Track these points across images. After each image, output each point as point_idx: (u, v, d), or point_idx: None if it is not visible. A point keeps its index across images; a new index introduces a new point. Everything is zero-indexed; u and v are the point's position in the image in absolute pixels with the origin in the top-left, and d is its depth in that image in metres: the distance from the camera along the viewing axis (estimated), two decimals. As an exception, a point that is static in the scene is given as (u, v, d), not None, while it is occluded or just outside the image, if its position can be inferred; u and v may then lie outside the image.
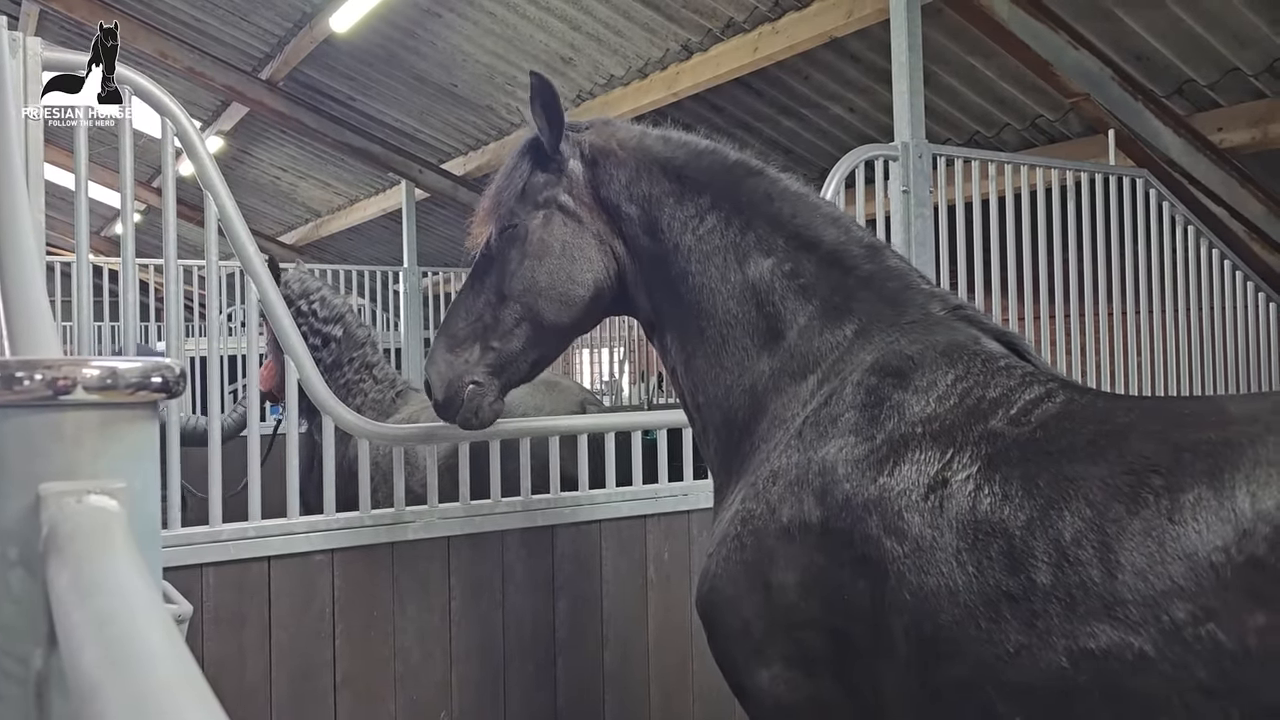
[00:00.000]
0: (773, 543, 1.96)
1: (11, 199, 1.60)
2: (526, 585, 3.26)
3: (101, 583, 0.65)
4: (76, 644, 0.59)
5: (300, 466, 3.16)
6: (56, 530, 0.74)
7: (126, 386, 0.84)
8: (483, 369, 2.46)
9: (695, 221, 2.28)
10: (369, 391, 5.50)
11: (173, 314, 2.92)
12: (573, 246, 2.39)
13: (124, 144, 2.84)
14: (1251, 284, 5.42)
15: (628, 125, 2.47)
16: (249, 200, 15.08)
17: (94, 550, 0.70)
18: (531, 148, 2.46)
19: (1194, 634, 1.45)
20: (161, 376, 0.87)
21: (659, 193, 2.33)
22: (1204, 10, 5.31)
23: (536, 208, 2.42)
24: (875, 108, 7.28)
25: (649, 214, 2.33)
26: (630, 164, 2.36)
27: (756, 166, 2.33)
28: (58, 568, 0.71)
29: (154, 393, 0.86)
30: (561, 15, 7.69)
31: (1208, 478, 1.52)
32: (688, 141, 2.39)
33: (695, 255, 2.27)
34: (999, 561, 1.65)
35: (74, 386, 0.82)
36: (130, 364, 0.86)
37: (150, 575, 0.70)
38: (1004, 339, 2.11)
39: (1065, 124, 6.75)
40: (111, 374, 0.84)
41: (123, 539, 0.73)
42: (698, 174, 2.32)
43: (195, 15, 9.63)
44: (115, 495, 0.79)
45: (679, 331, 2.34)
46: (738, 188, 2.29)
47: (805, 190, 2.31)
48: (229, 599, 2.84)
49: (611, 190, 2.37)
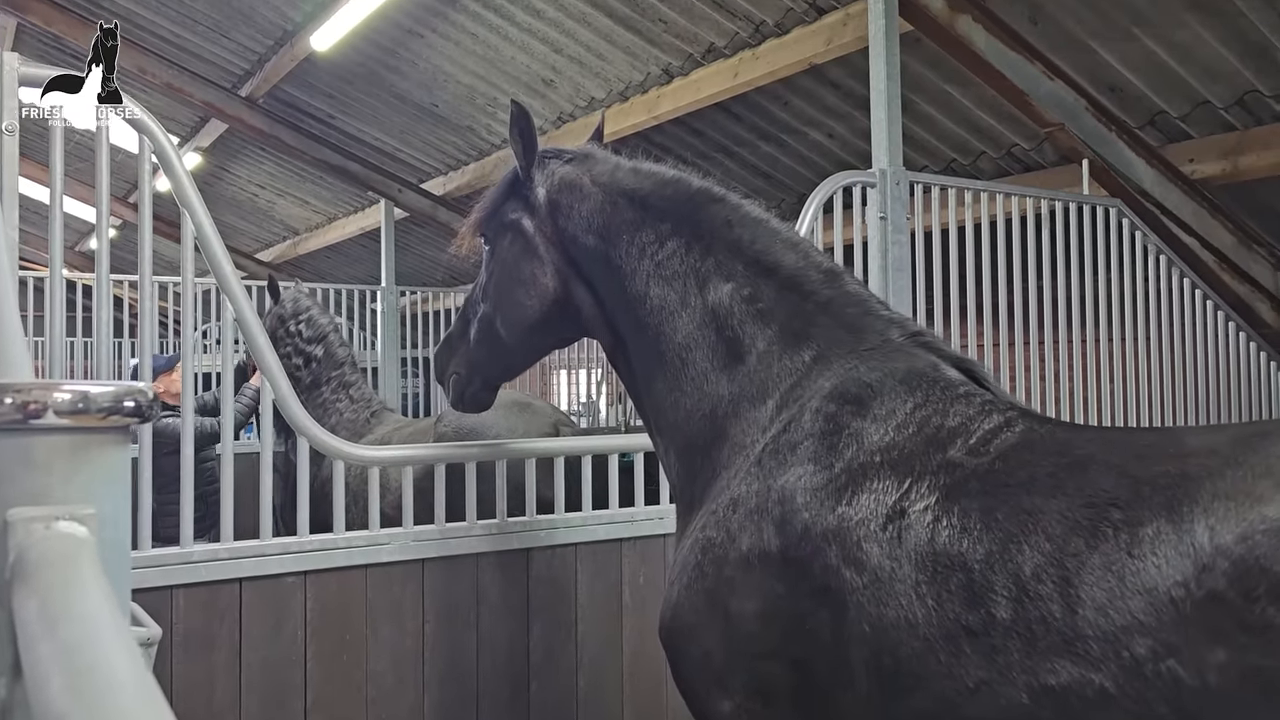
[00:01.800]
0: (732, 571, 1.95)
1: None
2: (501, 609, 3.23)
3: (69, 612, 0.64)
4: (43, 674, 0.58)
5: (276, 486, 3.13)
6: (24, 557, 0.73)
7: (98, 411, 0.84)
8: (463, 363, 2.76)
9: (655, 247, 2.30)
10: (344, 411, 5.48)
11: (147, 331, 2.89)
12: (525, 271, 2.50)
13: (100, 159, 2.82)
14: (1222, 313, 5.49)
15: (606, 157, 2.50)
16: (226, 217, 15.00)
17: (62, 579, 0.69)
18: (515, 173, 2.56)
19: (1154, 670, 1.44)
20: (134, 401, 0.86)
21: (619, 222, 2.36)
22: (1176, 44, 5.41)
23: (504, 230, 2.55)
24: (854, 134, 7.35)
25: (608, 242, 2.37)
26: (596, 196, 2.40)
27: (718, 193, 2.35)
28: (25, 596, 0.70)
29: (126, 417, 0.86)
30: (543, 38, 7.73)
31: (1167, 511, 1.51)
32: (655, 172, 2.42)
33: (654, 280, 2.29)
34: (958, 595, 1.64)
35: (45, 410, 0.82)
36: (102, 388, 0.86)
37: (118, 604, 0.70)
38: (962, 366, 2.11)
39: (1040, 153, 6.83)
40: (83, 398, 0.83)
41: (91, 567, 0.72)
42: (660, 202, 2.34)
43: (175, 31, 9.60)
44: (85, 521, 0.78)
45: (640, 356, 2.36)
46: (698, 214, 2.31)
47: (765, 216, 2.33)
48: (199, 621, 2.80)
49: (572, 221, 2.43)
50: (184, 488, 2.87)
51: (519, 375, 2.98)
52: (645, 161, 2.47)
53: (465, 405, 2.84)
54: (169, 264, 10.19)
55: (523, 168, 2.49)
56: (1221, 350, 5.46)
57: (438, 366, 2.86)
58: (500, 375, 2.79)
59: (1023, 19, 5.44)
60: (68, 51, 9.73)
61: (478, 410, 2.88)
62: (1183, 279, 5.33)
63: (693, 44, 7.10)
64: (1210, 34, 5.24)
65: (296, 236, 15.51)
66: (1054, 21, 5.50)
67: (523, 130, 2.48)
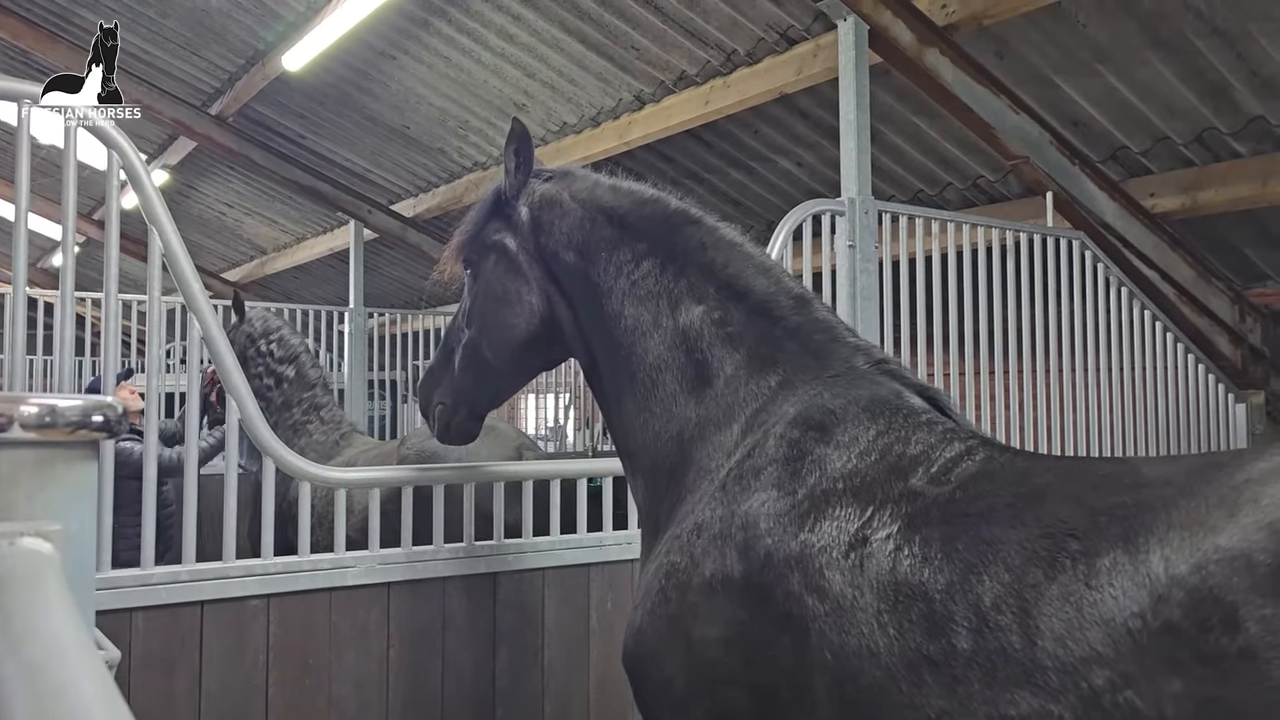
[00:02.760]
0: (695, 597, 1.94)
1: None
2: (467, 633, 3.20)
3: (34, 631, 0.63)
4: (7, 695, 0.57)
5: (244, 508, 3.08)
6: (-13, 574, 0.72)
7: (66, 425, 0.83)
8: (449, 393, 2.67)
9: (630, 266, 2.31)
10: (315, 433, 5.43)
11: (110, 349, 2.85)
12: (510, 291, 2.48)
13: (68, 175, 2.79)
14: (1181, 345, 5.58)
15: (585, 175, 2.51)
16: (193, 235, 14.86)
17: (27, 597, 0.67)
18: (496, 193, 2.55)
19: (1112, 701, 1.44)
20: (103, 415, 0.85)
21: (597, 239, 2.37)
22: (1138, 81, 5.53)
23: (487, 251, 2.52)
24: (823, 163, 7.43)
25: (586, 259, 2.37)
26: (576, 213, 2.41)
27: (695, 215, 2.36)
28: (-13, 614, 0.68)
29: (94, 431, 0.84)
30: (516, 62, 7.76)
31: (1123, 542, 1.51)
32: (634, 191, 2.43)
33: (629, 299, 2.30)
34: (919, 625, 1.64)
35: (10, 424, 0.80)
36: (70, 402, 0.84)
37: (84, 623, 0.68)
38: (926, 394, 2.12)
39: (1005, 185, 6.94)
40: (50, 412, 0.82)
41: (56, 585, 0.71)
42: (638, 221, 2.35)
43: (144, 48, 9.54)
44: (50, 538, 0.77)
45: (612, 375, 2.36)
46: (674, 235, 2.32)
47: (740, 240, 2.34)
48: (158, 645, 2.75)
49: (552, 238, 2.42)
50: (145, 508, 2.83)
51: (505, 402, 2.89)
52: (625, 180, 2.48)
53: (451, 436, 2.73)
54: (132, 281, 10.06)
55: (512, 185, 2.48)
56: (1180, 382, 5.54)
57: (422, 398, 2.76)
58: (488, 402, 2.71)
59: (989, 53, 5.54)
60: (35, 66, 9.64)
61: (464, 442, 2.77)
62: (1143, 311, 5.42)
63: (665, 71, 7.16)
64: (1170, 72, 5.37)
65: (264, 256, 15.39)
66: (1019, 56, 5.61)
67: (520, 148, 2.47)
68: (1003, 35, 5.49)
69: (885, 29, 4.83)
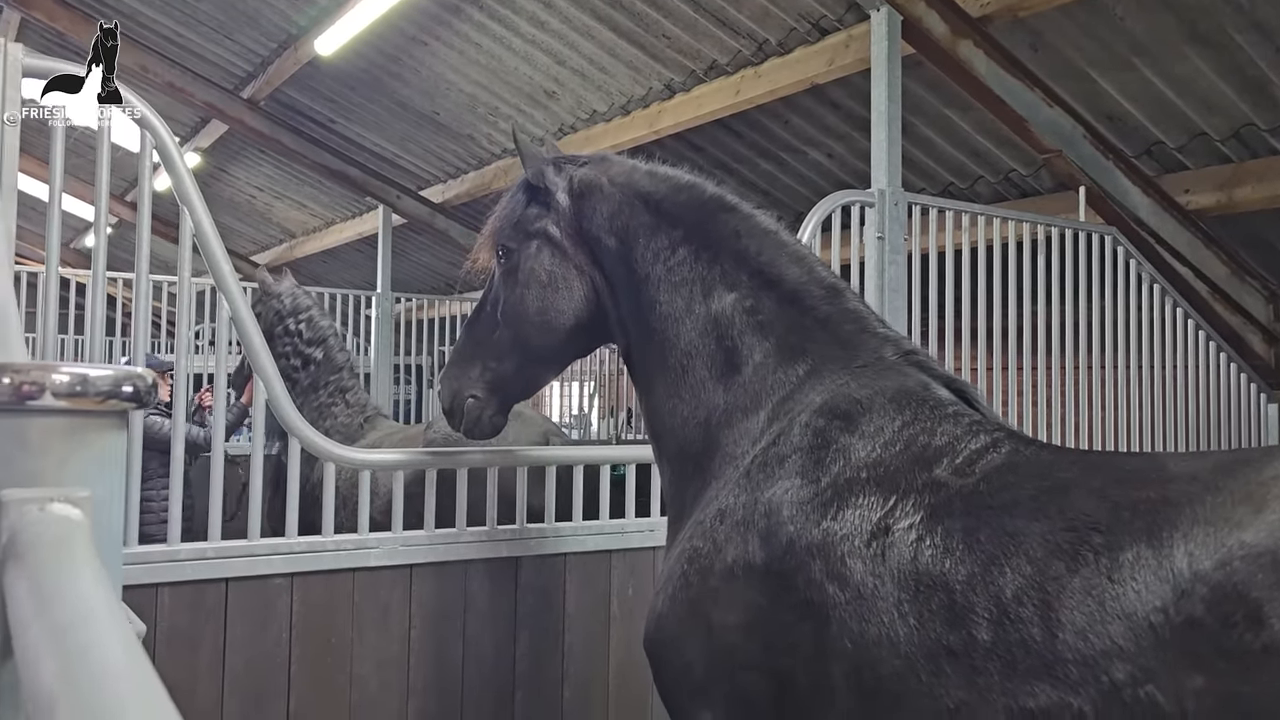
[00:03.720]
0: (717, 582, 1.95)
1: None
2: (488, 616, 3.22)
3: (61, 594, 0.63)
4: (34, 656, 0.57)
5: (266, 488, 3.11)
6: (17, 538, 0.73)
7: (96, 394, 0.83)
8: (481, 385, 2.60)
9: (667, 253, 2.32)
10: (339, 415, 5.47)
11: (140, 329, 2.88)
12: (557, 276, 2.46)
13: (101, 156, 2.81)
14: (1213, 343, 5.51)
15: (622, 161, 2.51)
16: (223, 218, 14.97)
17: (55, 560, 0.68)
18: (529, 180, 2.54)
19: (1133, 695, 1.44)
20: (133, 386, 0.85)
21: (636, 224, 2.37)
22: (1175, 76, 5.45)
23: (528, 238, 2.50)
24: (853, 154, 7.38)
25: (625, 244, 2.37)
26: (615, 197, 2.41)
27: (731, 202, 2.36)
28: (15, 576, 0.69)
29: (124, 401, 0.85)
30: (547, 49, 7.75)
31: (1147, 536, 1.52)
32: (671, 176, 2.43)
33: (664, 285, 2.30)
34: (940, 615, 1.64)
35: (42, 392, 0.81)
36: (101, 371, 0.85)
37: (111, 587, 0.69)
38: (953, 386, 2.11)
39: (1037, 179, 6.87)
40: (82, 381, 0.83)
41: (84, 549, 0.72)
42: (674, 208, 2.35)
43: (178, 31, 9.61)
44: (79, 504, 0.78)
45: (645, 359, 2.37)
46: (710, 222, 2.32)
47: (775, 228, 2.33)
48: (183, 620, 2.78)
49: (593, 223, 2.42)
50: (173, 485, 2.86)
51: (535, 393, 2.83)
52: (660, 165, 2.48)
53: (481, 430, 2.65)
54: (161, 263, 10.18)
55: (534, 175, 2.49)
56: (1212, 380, 5.48)
57: (447, 392, 2.65)
58: (520, 393, 2.68)
59: (1024, 46, 5.48)
60: (70, 48, 9.73)
61: (491, 436, 2.69)
62: (1175, 308, 5.36)
63: (695, 60, 7.13)
64: (1209, 67, 5.29)
65: (293, 240, 15.49)
66: (1054, 49, 5.54)
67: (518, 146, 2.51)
68: (1038, 28, 5.43)
69: (919, 20, 4.78)
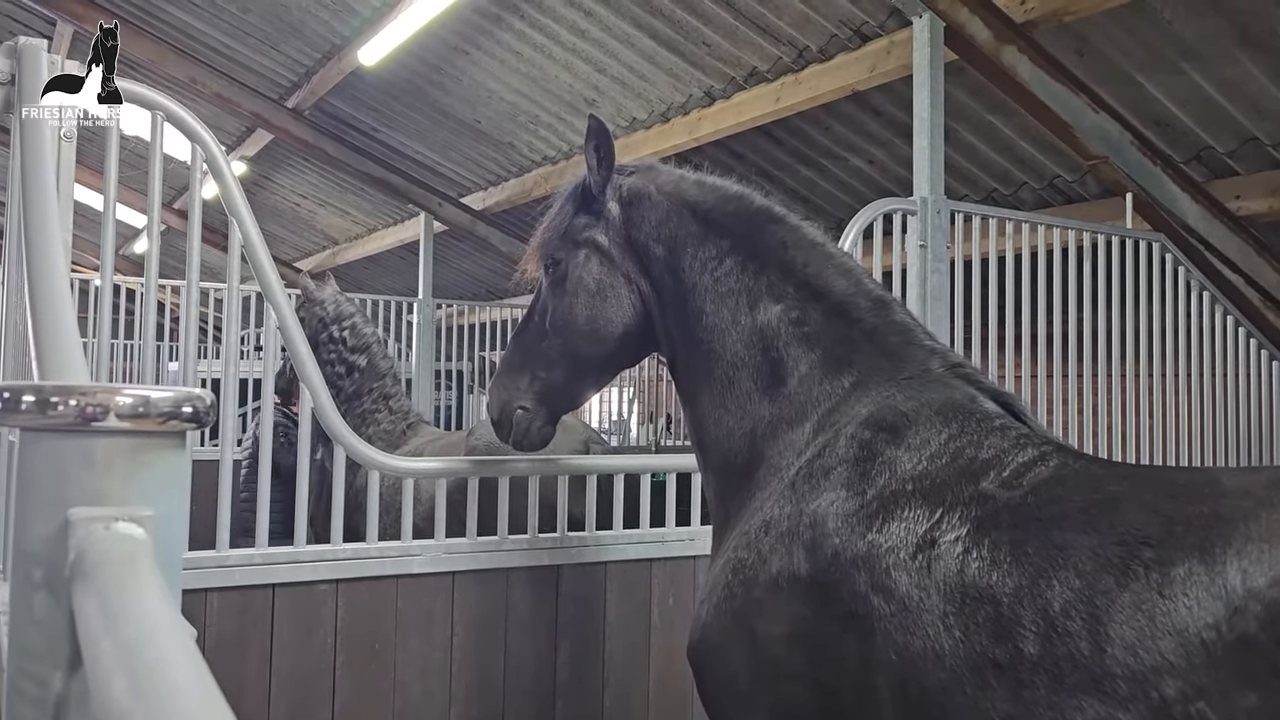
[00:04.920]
0: (761, 593, 1.95)
1: (44, 225, 1.63)
2: (529, 624, 3.24)
3: (129, 611, 0.66)
4: (105, 672, 0.60)
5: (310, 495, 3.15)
6: (84, 556, 0.75)
7: (158, 415, 0.86)
8: (530, 396, 2.62)
9: (714, 263, 2.32)
10: (382, 422, 5.52)
11: (190, 335, 2.94)
12: (606, 285, 2.47)
13: (154, 171, 2.87)
14: (1266, 352, 5.41)
15: (669, 170, 2.52)
16: (268, 225, 15.20)
17: (121, 578, 0.70)
18: (576, 190, 2.55)
19: (1183, 712, 1.42)
20: (192, 406, 0.88)
21: (684, 234, 2.38)
22: (1224, 79, 5.36)
23: (577, 247, 2.51)
24: (894, 161, 7.33)
25: (673, 254, 2.38)
26: (663, 206, 2.42)
27: (779, 214, 2.37)
28: (84, 594, 0.71)
29: (184, 422, 0.87)
30: (587, 58, 7.79)
31: (1199, 552, 1.49)
32: (719, 186, 2.44)
33: (711, 296, 2.31)
34: (986, 628, 1.63)
35: (106, 414, 0.84)
36: (162, 393, 0.87)
37: (175, 604, 0.71)
38: (1000, 399, 2.10)
39: (1083, 185, 6.78)
40: (144, 402, 0.85)
41: (149, 568, 0.74)
42: (722, 218, 2.36)
43: (226, 42, 9.78)
44: (143, 523, 0.80)
45: (690, 369, 2.38)
46: (757, 233, 2.32)
47: (822, 240, 2.34)
48: (231, 625, 2.83)
49: (642, 231, 2.43)
50: (221, 492, 2.91)
51: (583, 403, 2.84)
52: (709, 175, 2.49)
53: (530, 442, 2.66)
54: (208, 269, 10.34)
55: (597, 181, 2.48)
56: (1264, 390, 5.37)
57: (496, 402, 2.67)
58: (568, 404, 2.70)
59: (1069, 51, 5.42)
60: (122, 60, 9.89)
61: (539, 448, 2.71)
62: (1226, 316, 5.27)
63: (735, 67, 7.13)
64: (1260, 70, 5.19)
65: (336, 246, 15.68)
66: (1100, 54, 5.47)
67: (599, 144, 2.46)
68: (1083, 32, 5.36)
69: (961, 26, 4.75)
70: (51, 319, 1.22)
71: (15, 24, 10.54)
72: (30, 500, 0.83)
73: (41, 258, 1.43)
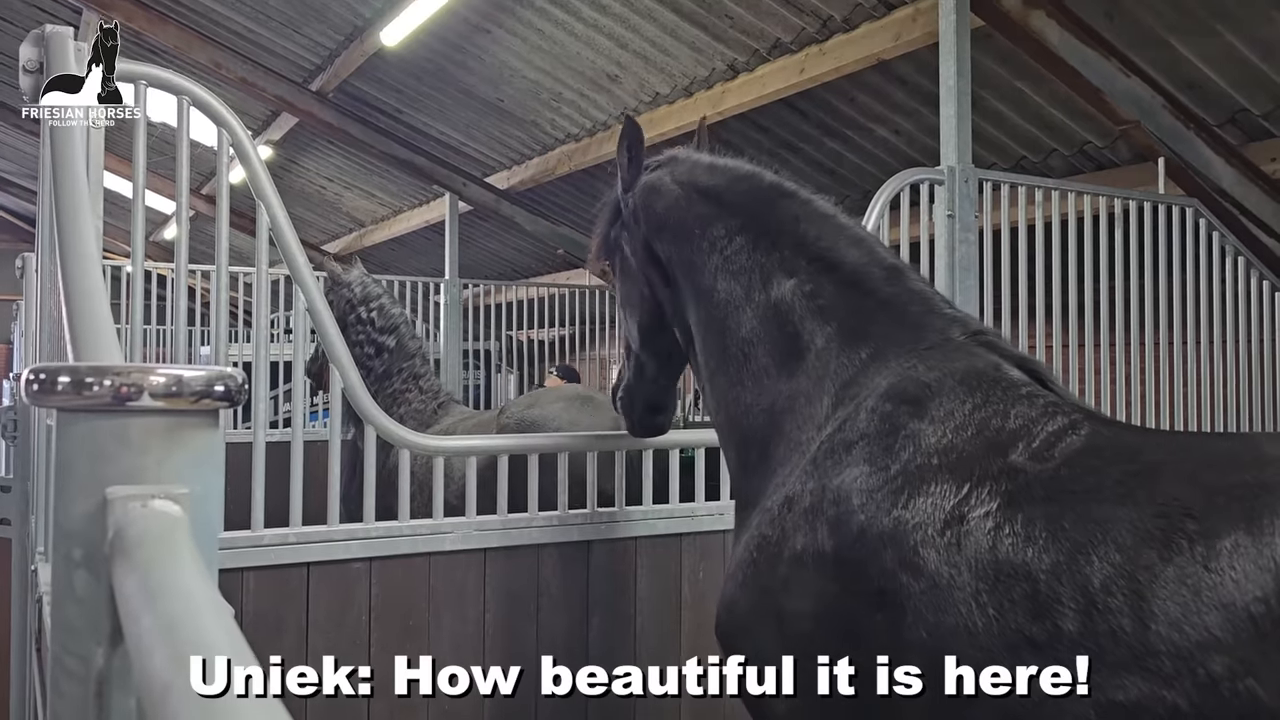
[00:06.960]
0: (786, 570, 1.94)
1: (75, 211, 1.64)
2: (561, 600, 3.26)
3: (168, 587, 0.67)
4: (147, 647, 0.61)
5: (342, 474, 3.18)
6: (123, 534, 0.76)
7: (191, 394, 0.87)
8: (625, 388, 2.79)
9: (724, 241, 2.32)
10: (413, 402, 5.56)
11: (221, 320, 2.96)
12: (630, 282, 2.57)
13: (181, 156, 2.89)
14: (1303, 317, 5.32)
15: (688, 158, 2.53)
16: (295, 209, 15.24)
17: (160, 555, 0.71)
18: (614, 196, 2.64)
19: (1231, 689, 1.40)
20: (224, 385, 0.89)
21: (693, 216, 2.38)
22: (1259, 39, 5.24)
23: (614, 250, 2.63)
24: (921, 131, 7.25)
25: (682, 237, 2.40)
26: (674, 193, 2.44)
27: (789, 189, 2.36)
28: (124, 571, 0.73)
29: (217, 401, 0.88)
30: (609, 34, 7.75)
31: (1245, 523, 1.47)
32: (730, 168, 2.44)
33: (721, 274, 2.31)
34: (1022, 605, 1.61)
35: (141, 393, 0.85)
36: (195, 372, 0.88)
37: (213, 579, 0.72)
38: (1026, 366, 2.06)
39: (1114, 151, 6.68)
40: (177, 382, 0.86)
41: (186, 544, 0.75)
42: (734, 197, 2.36)
43: (249, 26, 9.81)
44: (179, 500, 0.81)
45: (706, 350, 2.38)
46: (768, 209, 2.31)
47: (833, 212, 2.32)
48: (268, 603, 2.87)
49: (652, 222, 2.48)
50: (255, 473, 2.94)
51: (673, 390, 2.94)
52: (722, 157, 2.49)
53: (637, 430, 2.88)
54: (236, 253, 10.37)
55: (625, 179, 2.54)
56: (1302, 355, 5.29)
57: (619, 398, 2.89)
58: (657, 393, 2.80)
59: (1099, 14, 5.32)
60: (146, 47, 9.99)
61: (653, 434, 2.91)
62: (1262, 281, 5.18)
63: (759, 40, 7.06)
64: (1296, 29, 5.08)
65: (362, 229, 15.75)
66: (1131, 17, 5.37)
67: (632, 145, 2.52)
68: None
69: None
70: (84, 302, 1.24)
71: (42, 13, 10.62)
72: (69, 480, 0.84)
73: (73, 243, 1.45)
